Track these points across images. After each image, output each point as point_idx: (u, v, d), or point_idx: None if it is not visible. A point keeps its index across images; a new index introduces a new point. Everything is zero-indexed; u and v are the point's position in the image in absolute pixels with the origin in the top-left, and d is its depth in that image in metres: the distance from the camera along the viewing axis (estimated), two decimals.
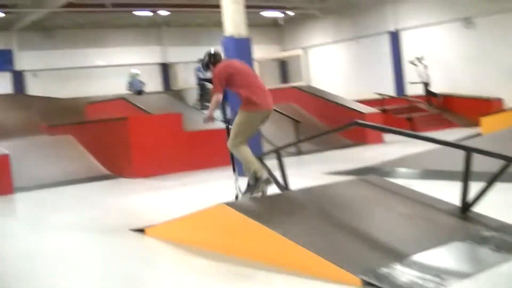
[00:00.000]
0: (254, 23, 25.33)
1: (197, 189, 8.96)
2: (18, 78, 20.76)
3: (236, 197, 6.23)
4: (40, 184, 10.40)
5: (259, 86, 5.93)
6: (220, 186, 8.25)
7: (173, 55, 24.28)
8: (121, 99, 13.65)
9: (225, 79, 5.85)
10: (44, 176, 10.80)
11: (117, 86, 19.20)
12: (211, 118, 6.10)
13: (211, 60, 6.09)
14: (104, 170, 11.32)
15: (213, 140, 10.77)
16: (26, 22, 19.51)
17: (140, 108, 12.45)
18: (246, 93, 5.79)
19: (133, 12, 20.86)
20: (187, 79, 23.94)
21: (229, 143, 5.92)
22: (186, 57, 23.81)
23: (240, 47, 9.51)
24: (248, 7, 9.88)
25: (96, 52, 22.67)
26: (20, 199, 9.51)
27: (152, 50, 24.00)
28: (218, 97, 5.90)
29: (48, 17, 19.92)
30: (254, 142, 7.97)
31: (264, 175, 5.82)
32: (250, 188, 5.84)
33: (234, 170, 6.54)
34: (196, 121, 11.10)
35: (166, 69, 23.89)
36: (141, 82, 17.58)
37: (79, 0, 17.77)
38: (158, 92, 20.21)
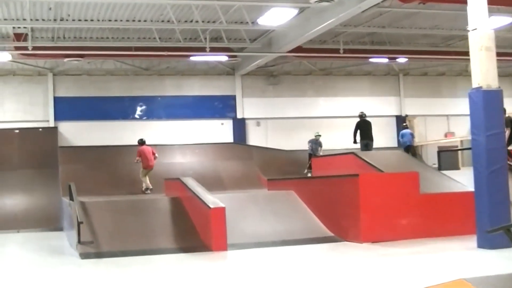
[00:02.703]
0: (507, 72, 25.69)
1: (430, 259, 9.66)
2: (240, 126, 24.50)
3: None
4: (255, 242, 12.19)
5: None
6: (458, 258, 8.91)
7: (410, 107, 26.09)
8: (350, 154, 15.38)
9: None
10: (260, 234, 12.66)
11: (344, 139, 21.35)
12: None
13: None
14: (326, 231, 12.85)
15: (453, 204, 11.57)
16: (251, 68, 23.12)
17: (370, 164, 13.87)
18: None
19: (370, 60, 23.11)
20: (425, 134, 25.44)
21: None
22: (425, 110, 25.56)
23: (489, 100, 10.11)
24: (500, 54, 10.66)
25: (325, 101, 25.58)
26: (235, 257, 11.19)
27: (387, 101, 26.10)
28: None
29: (275, 62, 23.44)
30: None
31: None
32: None
33: None
34: (435, 183, 12.45)
35: (400, 122, 25.35)
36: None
37: (308, 45, 20.59)
38: (391, 148, 22.13)
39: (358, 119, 18.95)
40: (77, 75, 23.24)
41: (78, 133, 22.71)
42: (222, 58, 21.96)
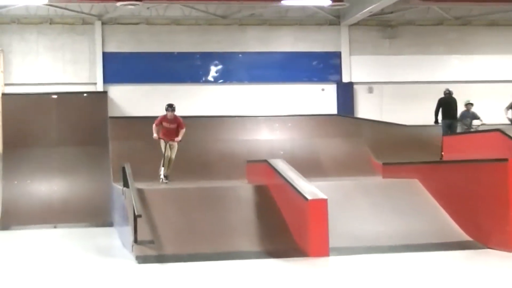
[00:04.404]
0: None
1: None
2: (346, 93, 24.41)
3: None
4: (365, 247, 12.27)
5: None
6: None
7: None
8: (495, 131, 14.86)
9: None
10: (373, 236, 12.73)
11: (487, 111, 21.31)
12: None
13: None
14: (462, 235, 12.82)
15: None
16: (361, 15, 22.93)
17: None
18: None
19: None
20: None
21: None
22: None
23: None
24: None
25: (459, 60, 25.27)
26: (339, 266, 11.30)
27: None
28: None
29: (393, 7, 23.23)
30: None
31: None
32: None
33: None
34: None
35: None
36: None
37: None
38: None
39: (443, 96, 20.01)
40: (133, 24, 23.77)
41: (134, 100, 23.28)
42: (324, 2, 21.81)
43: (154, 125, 17.18)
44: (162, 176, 17.13)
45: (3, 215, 19.14)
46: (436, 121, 19.87)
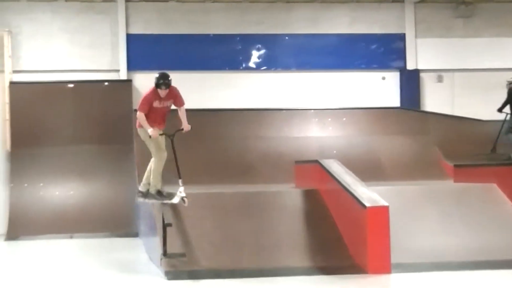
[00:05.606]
0: None
1: None
2: (411, 82, 24.27)
3: None
4: (433, 263, 12.39)
5: None
6: None
7: None
8: None
9: None
10: (441, 250, 12.86)
11: None
12: None
13: None
14: None
15: None
16: None
17: None
18: None
19: None
20: None
21: None
22: None
23: None
24: None
25: None
26: (403, 286, 11.56)
27: None
28: None
29: None
30: None
31: None
32: None
33: None
34: None
35: None
36: None
37: None
38: None
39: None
40: (162, 2, 23.89)
41: None
42: None
43: (139, 112, 14.21)
44: (180, 195, 13.84)
45: (10, 223, 19.48)
46: (500, 110, 20.22)
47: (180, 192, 13.71)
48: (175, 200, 13.70)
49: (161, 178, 14.21)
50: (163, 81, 14.23)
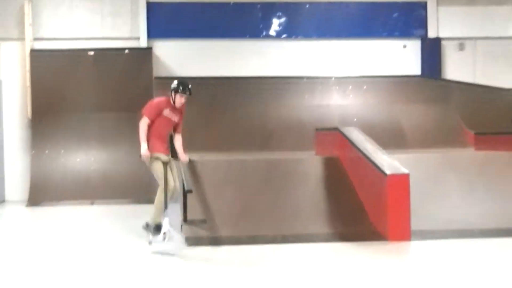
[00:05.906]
0: None
1: None
2: (432, 50, 24.13)
3: None
4: (453, 230, 12.49)
5: None
6: None
7: None
8: None
9: None
10: (462, 217, 12.97)
11: None
12: None
13: None
14: None
15: None
16: None
17: None
18: None
19: None
20: None
21: None
22: None
23: None
24: None
25: None
26: (423, 253, 11.50)
27: None
28: None
29: None
30: None
31: None
32: None
33: None
34: None
35: None
36: None
37: None
38: None
39: None
40: None
41: (183, 58, 23.26)
42: None
43: (143, 118, 12.25)
44: (163, 231, 11.71)
45: (32, 189, 19.59)
46: None
47: (164, 225, 11.69)
48: (167, 244, 11.56)
49: (164, 210, 12.08)
50: (184, 87, 12.47)
